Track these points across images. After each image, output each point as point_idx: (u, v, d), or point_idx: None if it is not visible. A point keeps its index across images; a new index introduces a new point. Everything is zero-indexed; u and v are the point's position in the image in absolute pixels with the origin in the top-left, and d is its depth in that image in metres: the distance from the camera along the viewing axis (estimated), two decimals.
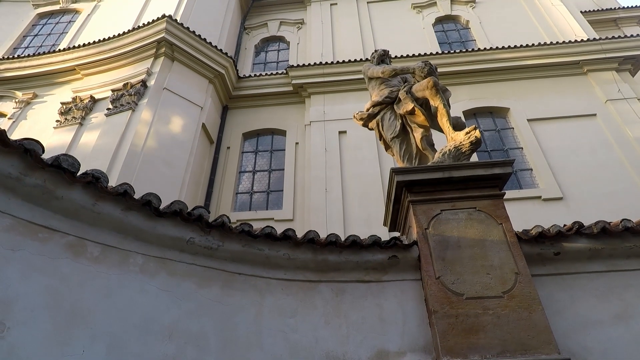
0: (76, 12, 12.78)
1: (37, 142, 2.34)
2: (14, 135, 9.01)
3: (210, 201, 8.68)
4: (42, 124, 8.97)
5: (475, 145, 3.85)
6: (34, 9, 12.96)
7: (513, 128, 9.26)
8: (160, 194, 7.70)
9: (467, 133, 3.88)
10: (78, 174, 2.55)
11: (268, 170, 9.40)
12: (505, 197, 3.76)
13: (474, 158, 7.98)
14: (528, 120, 9.13)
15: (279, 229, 3.41)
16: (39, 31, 12.43)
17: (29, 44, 11.99)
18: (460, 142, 3.86)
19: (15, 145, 2.26)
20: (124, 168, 7.20)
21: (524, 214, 7.50)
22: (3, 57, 10.54)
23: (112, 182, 7.06)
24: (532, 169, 8.48)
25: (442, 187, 3.64)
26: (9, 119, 9.40)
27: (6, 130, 8.81)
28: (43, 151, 2.42)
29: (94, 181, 2.59)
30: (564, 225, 3.61)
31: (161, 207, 2.96)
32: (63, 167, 2.44)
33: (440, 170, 3.62)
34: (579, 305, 3.15)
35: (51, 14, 12.93)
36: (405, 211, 3.82)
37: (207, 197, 8.69)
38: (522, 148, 8.88)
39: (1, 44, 11.67)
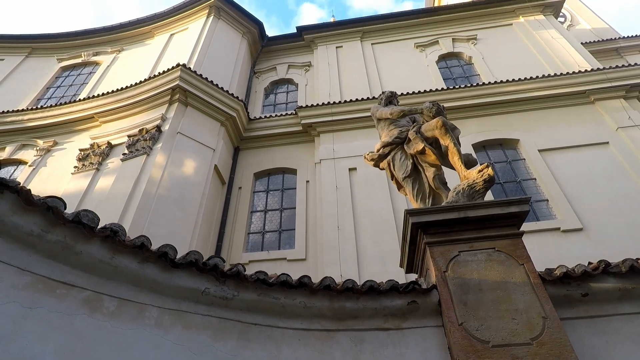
0: (96, 64, 13.55)
1: (60, 199, 2.40)
2: (34, 182, 9.27)
3: (223, 242, 8.65)
4: (60, 170, 9.25)
5: (489, 183, 3.83)
6: (58, 62, 13.79)
7: (524, 159, 9.22)
8: (173, 237, 7.70)
9: (479, 171, 3.87)
10: (97, 229, 2.59)
11: (279, 209, 9.41)
12: (522, 228, 3.67)
13: (488, 193, 7.91)
14: (539, 150, 9.09)
15: (292, 268, 3.37)
16: (61, 83, 13.14)
17: (52, 94, 12.64)
18: (474, 181, 3.84)
19: (39, 204, 2.32)
20: (137, 211, 7.30)
21: (544, 247, 7.29)
22: (27, 108, 11.08)
23: (126, 226, 7.15)
24: (548, 200, 8.33)
25: (458, 227, 3.58)
26: (29, 166, 9.73)
27: (26, 177, 9.06)
28: (65, 207, 2.48)
29: (112, 235, 2.62)
30: (589, 264, 3.48)
31: (177, 257, 2.96)
32: (83, 223, 2.48)
33: (455, 211, 3.58)
34: (615, 350, 2.97)
35: (73, 67, 13.72)
36: (422, 253, 3.74)
37: (220, 238, 8.68)
38: (535, 179, 8.78)
39: (26, 96, 12.32)
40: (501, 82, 10.22)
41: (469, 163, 4.28)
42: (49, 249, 2.49)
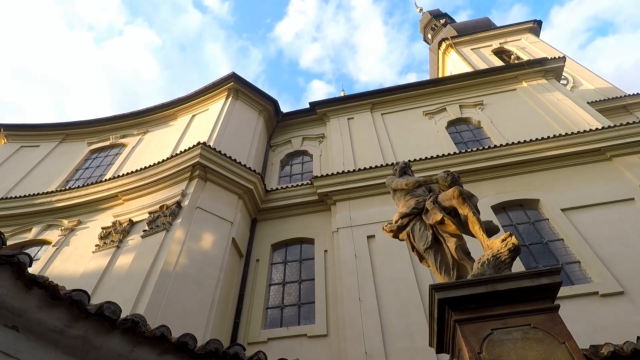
0: (123, 145, 14.48)
1: (84, 292, 2.43)
2: (55, 262, 9.40)
3: (240, 319, 8.33)
4: (82, 249, 9.40)
5: (514, 252, 3.68)
6: (88, 146, 14.83)
7: (548, 219, 8.96)
8: (191, 315, 7.47)
9: (503, 240, 3.75)
10: (118, 321, 2.56)
11: (298, 281, 9.16)
12: (558, 295, 3.43)
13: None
14: (562, 210, 8.87)
15: (313, 346, 3.14)
16: (89, 164, 13.98)
17: (80, 176, 13.37)
18: (498, 250, 3.71)
19: (64, 298, 2.34)
20: (155, 289, 7.21)
21: (583, 314, 6.78)
22: (56, 190, 11.66)
23: (144, 304, 7.01)
24: (579, 262, 7.91)
25: (488, 302, 3.38)
26: (53, 246, 9.94)
27: (49, 257, 9.19)
28: (89, 300, 2.49)
29: (133, 326, 2.58)
30: (639, 339, 3.19)
31: (197, 346, 2.86)
32: (105, 315, 2.47)
33: (483, 284, 3.41)
34: None
35: (102, 149, 14.69)
36: (452, 331, 3.50)
37: (237, 315, 8.38)
38: (562, 239, 8.44)
39: (57, 178, 13.06)
40: (513, 143, 10.35)
41: (490, 231, 4.18)
42: (69, 344, 2.45)
